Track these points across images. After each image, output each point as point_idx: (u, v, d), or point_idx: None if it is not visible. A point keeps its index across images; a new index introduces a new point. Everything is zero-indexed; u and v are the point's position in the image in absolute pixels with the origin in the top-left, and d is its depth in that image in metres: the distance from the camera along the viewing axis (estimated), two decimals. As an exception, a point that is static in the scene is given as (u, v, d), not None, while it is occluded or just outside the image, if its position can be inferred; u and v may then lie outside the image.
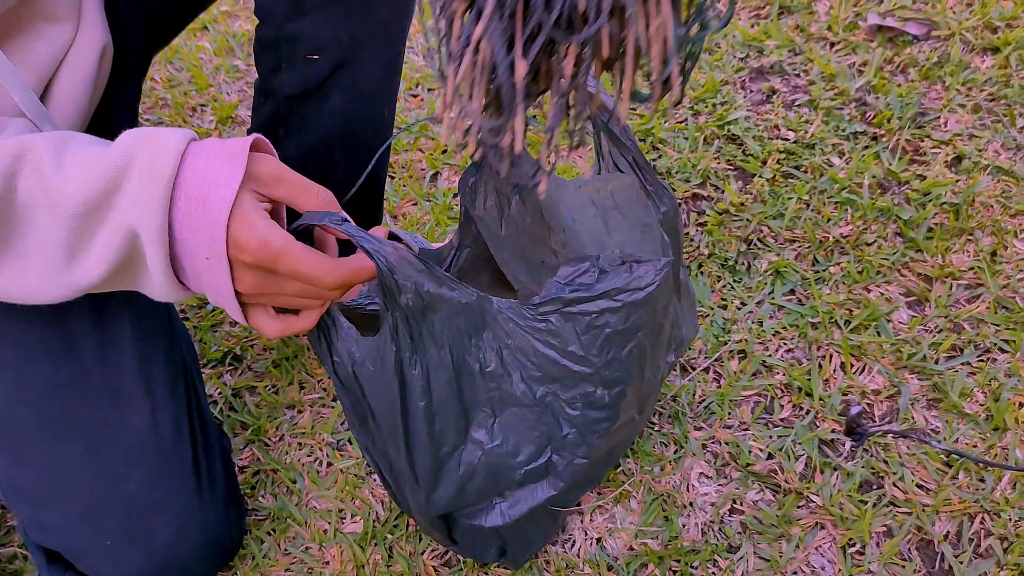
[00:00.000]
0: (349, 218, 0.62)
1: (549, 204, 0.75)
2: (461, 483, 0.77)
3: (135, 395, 0.82)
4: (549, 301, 0.68)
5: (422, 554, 0.92)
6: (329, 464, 1.01)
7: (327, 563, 0.92)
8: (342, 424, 1.04)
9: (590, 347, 0.70)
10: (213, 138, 0.60)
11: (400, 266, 0.63)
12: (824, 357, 1.06)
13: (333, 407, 1.05)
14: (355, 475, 0.99)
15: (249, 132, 0.94)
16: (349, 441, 1.02)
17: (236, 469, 1.00)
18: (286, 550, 0.94)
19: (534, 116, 0.65)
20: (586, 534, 0.93)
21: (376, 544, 0.93)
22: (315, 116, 0.89)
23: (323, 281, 0.62)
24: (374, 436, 0.78)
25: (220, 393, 1.08)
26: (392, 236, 1.16)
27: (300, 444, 1.03)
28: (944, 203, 1.20)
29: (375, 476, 0.99)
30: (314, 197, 0.63)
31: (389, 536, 0.93)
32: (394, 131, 1.34)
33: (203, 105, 1.50)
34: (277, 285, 0.63)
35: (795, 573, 0.89)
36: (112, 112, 0.82)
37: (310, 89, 0.87)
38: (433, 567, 0.91)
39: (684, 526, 0.93)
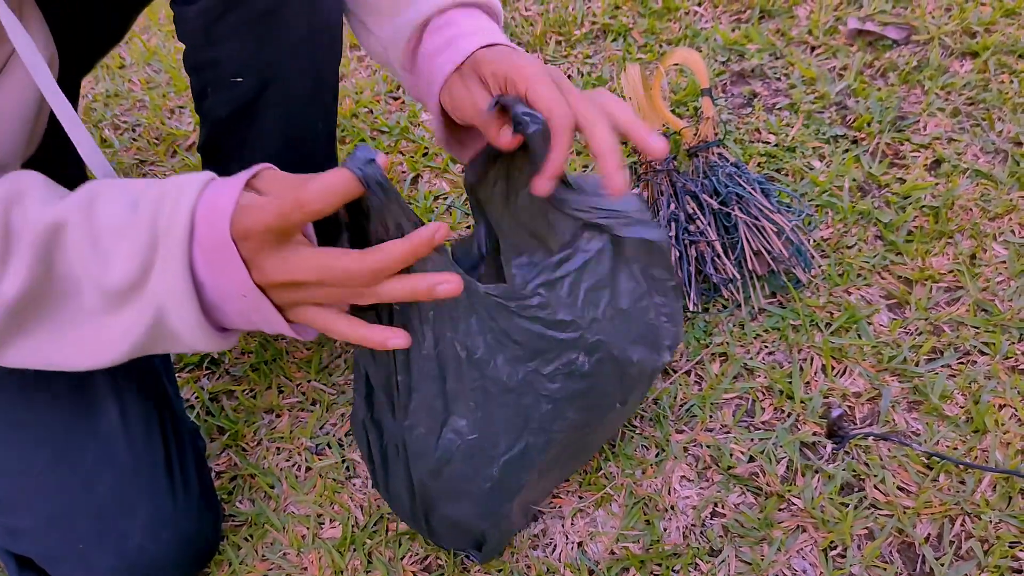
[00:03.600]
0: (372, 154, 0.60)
1: (556, 205, 0.75)
2: (438, 465, 0.76)
3: (103, 397, 0.82)
4: (540, 273, 0.72)
5: (401, 559, 0.91)
6: (308, 469, 0.99)
7: (305, 569, 0.91)
8: (321, 428, 1.03)
9: (573, 307, 0.72)
10: (225, 180, 0.61)
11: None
12: (805, 360, 1.06)
13: (312, 411, 1.04)
14: (334, 479, 0.98)
15: (198, 150, 0.94)
16: (328, 445, 1.01)
17: (213, 475, 0.99)
18: (263, 556, 0.92)
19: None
20: (567, 538, 0.92)
21: (355, 550, 0.92)
22: (251, 136, 0.89)
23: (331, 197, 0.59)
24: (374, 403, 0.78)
25: (197, 397, 1.07)
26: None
27: (278, 449, 1.01)
28: (924, 206, 1.21)
29: (355, 481, 0.98)
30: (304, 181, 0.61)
31: (368, 541, 0.92)
32: (371, 136, 1.33)
33: (181, 107, 1.48)
34: (315, 289, 0.61)
35: (777, 576, 0.89)
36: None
37: (240, 110, 0.87)
38: (412, 572, 0.90)
39: (666, 530, 0.92)
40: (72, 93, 1.01)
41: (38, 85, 0.65)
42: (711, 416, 1.01)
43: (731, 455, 0.97)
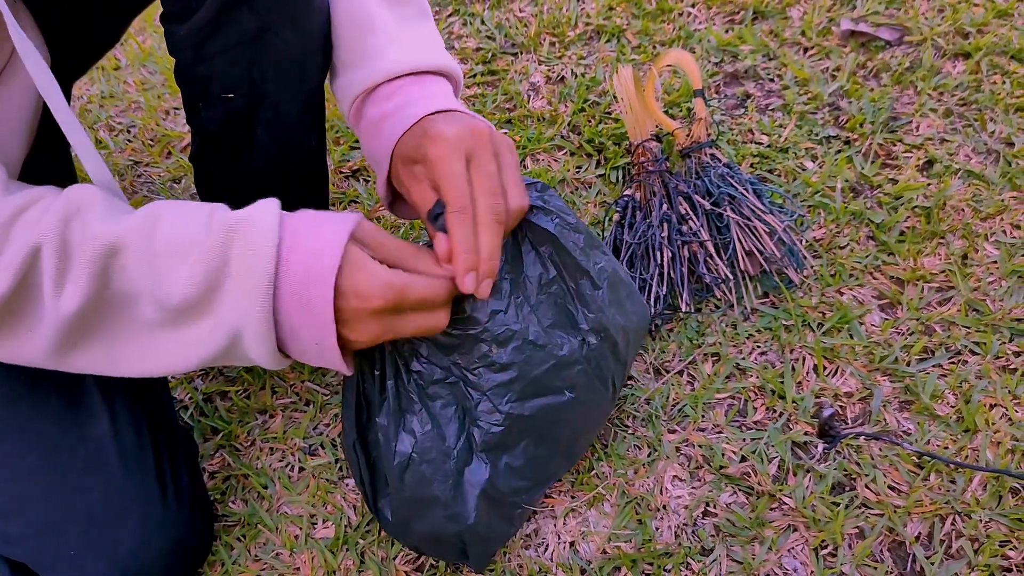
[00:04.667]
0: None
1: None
2: (399, 471, 0.79)
3: (94, 404, 0.82)
4: None
5: (394, 559, 0.91)
6: (301, 469, 1.00)
7: (298, 569, 0.91)
8: (314, 428, 1.03)
9: (473, 303, 0.76)
10: (307, 220, 0.65)
11: None
12: (797, 360, 1.06)
13: (305, 411, 1.04)
14: (327, 480, 0.98)
15: (190, 159, 0.95)
16: (321, 446, 1.01)
17: (206, 475, 0.99)
18: (256, 556, 0.93)
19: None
20: (559, 538, 0.92)
21: (347, 549, 0.92)
22: (243, 149, 0.90)
23: (444, 293, 0.68)
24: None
25: (191, 398, 1.07)
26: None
27: (272, 449, 1.02)
28: (916, 207, 1.21)
29: (347, 480, 0.98)
30: (413, 257, 0.68)
31: (361, 541, 0.93)
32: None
33: (176, 108, 1.49)
34: (402, 323, 0.67)
35: (768, 575, 0.89)
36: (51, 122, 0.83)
37: (232, 126, 0.88)
38: (405, 572, 0.90)
39: (657, 529, 0.92)
40: (64, 96, 1.02)
41: (39, 87, 0.65)
42: (703, 416, 1.02)
43: (723, 455, 0.98)
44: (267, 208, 0.64)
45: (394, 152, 0.75)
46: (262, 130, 0.88)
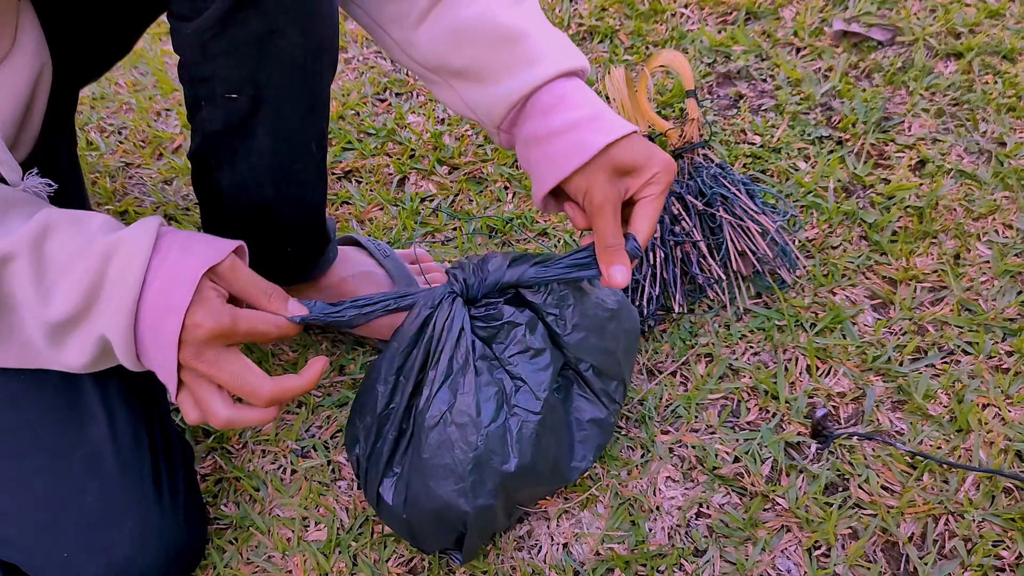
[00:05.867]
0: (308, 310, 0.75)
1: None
2: (427, 430, 0.81)
3: (92, 405, 0.82)
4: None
5: (387, 561, 0.91)
6: (293, 471, 0.99)
7: (290, 572, 0.91)
8: (306, 431, 1.03)
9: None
10: (178, 245, 0.69)
11: None
12: (790, 360, 1.06)
13: (297, 414, 1.04)
14: (319, 482, 0.98)
15: (188, 157, 0.95)
16: (313, 448, 1.01)
17: (198, 478, 0.99)
18: (248, 559, 0.92)
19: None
20: (552, 539, 0.92)
21: (340, 552, 0.92)
22: (242, 151, 0.90)
23: (275, 330, 0.72)
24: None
25: (182, 400, 1.06)
26: (354, 242, 1.15)
27: (264, 451, 1.01)
28: (908, 206, 1.21)
29: (340, 483, 0.98)
30: (263, 295, 0.72)
31: (353, 544, 0.92)
32: (358, 138, 1.33)
33: (168, 109, 1.48)
34: (225, 359, 0.69)
35: (761, 576, 0.89)
36: (52, 123, 0.82)
37: (234, 126, 0.87)
38: (397, 574, 0.90)
39: (651, 530, 0.92)
40: (69, 102, 1.01)
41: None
42: (696, 417, 1.01)
43: (716, 455, 0.98)
44: (145, 229, 0.68)
45: (578, 174, 0.78)
46: (263, 132, 0.88)
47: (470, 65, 0.81)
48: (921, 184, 1.24)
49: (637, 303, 1.06)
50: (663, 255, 1.09)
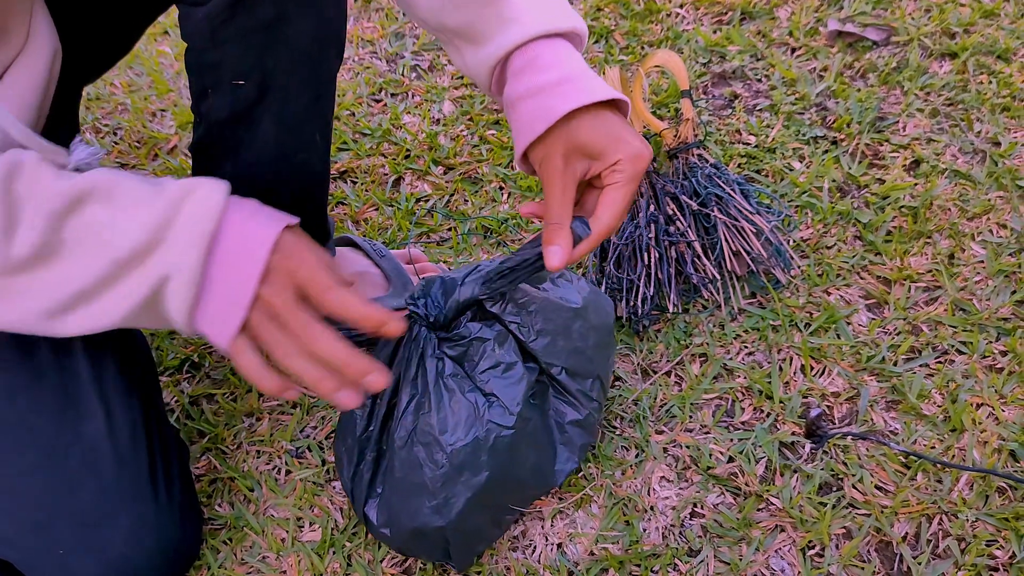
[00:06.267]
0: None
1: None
2: (397, 450, 0.82)
3: (90, 403, 0.81)
4: None
5: (381, 561, 0.91)
6: (288, 472, 0.99)
7: (284, 572, 0.91)
8: (301, 431, 1.03)
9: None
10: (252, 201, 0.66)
11: None
12: (784, 360, 1.06)
13: (292, 414, 1.04)
14: (313, 483, 0.98)
15: (190, 149, 0.95)
16: (308, 448, 1.01)
17: (192, 477, 0.99)
18: (242, 559, 0.92)
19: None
20: (547, 540, 0.92)
21: (334, 552, 0.92)
22: (247, 141, 0.90)
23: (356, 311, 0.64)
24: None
25: (177, 401, 1.06)
26: (350, 243, 1.16)
27: (258, 452, 1.01)
28: (902, 206, 1.21)
29: (334, 483, 0.98)
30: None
31: (347, 544, 0.92)
32: (353, 138, 1.33)
33: (163, 110, 1.48)
34: (281, 337, 0.64)
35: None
36: (56, 116, 0.81)
37: (239, 114, 0.88)
38: (392, 575, 0.90)
39: (645, 530, 0.92)
40: (73, 100, 1.01)
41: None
42: (691, 417, 1.01)
43: (710, 455, 0.98)
44: (215, 180, 0.64)
45: (539, 142, 0.73)
46: (268, 121, 0.89)
47: (463, 25, 0.78)
48: (915, 184, 1.24)
49: (632, 303, 1.07)
50: (658, 255, 1.09)
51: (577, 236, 0.71)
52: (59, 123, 0.72)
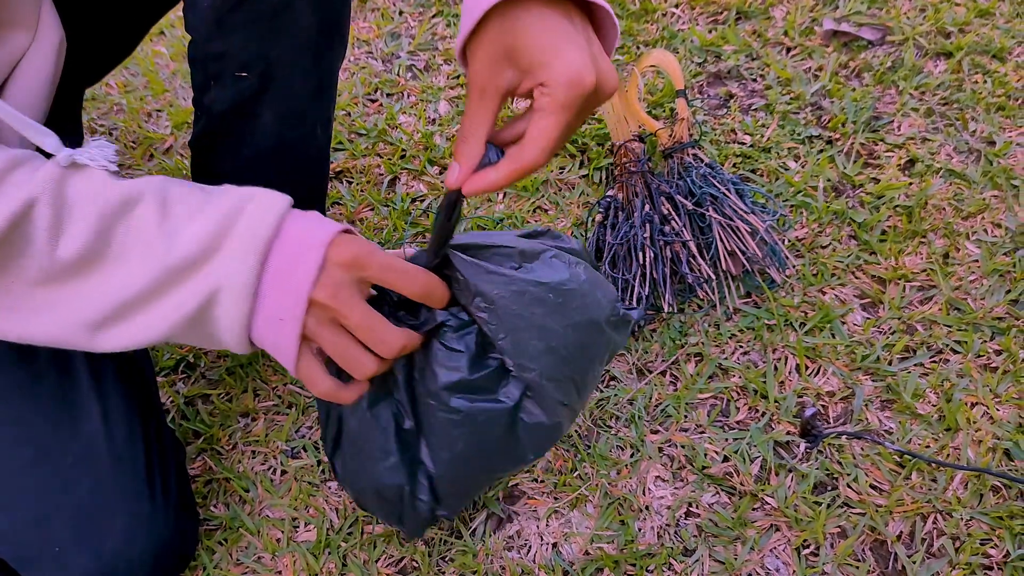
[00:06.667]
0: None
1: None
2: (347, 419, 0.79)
3: (87, 400, 0.82)
4: None
5: (376, 561, 0.91)
6: (283, 472, 0.99)
7: (279, 572, 0.91)
8: (296, 431, 1.03)
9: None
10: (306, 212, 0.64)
11: None
12: (779, 359, 1.06)
13: (287, 414, 1.04)
14: (309, 483, 0.98)
15: (189, 144, 0.95)
16: (304, 448, 1.01)
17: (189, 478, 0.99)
18: (238, 560, 0.92)
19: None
20: (542, 539, 0.92)
21: (330, 552, 0.92)
22: (248, 133, 0.90)
23: (415, 281, 0.64)
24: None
25: (172, 402, 1.06)
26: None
27: (254, 452, 1.01)
28: (897, 206, 1.21)
29: (330, 484, 0.98)
30: (405, 275, 0.65)
31: (343, 544, 0.92)
32: (349, 139, 1.33)
33: (159, 110, 1.48)
34: (340, 336, 0.63)
35: (750, 575, 0.89)
36: (59, 118, 0.82)
37: (241, 106, 0.88)
38: (387, 574, 0.90)
39: (640, 530, 0.92)
40: (75, 101, 1.00)
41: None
42: (686, 416, 1.02)
43: (705, 455, 0.98)
44: (271, 191, 0.64)
45: (474, 37, 0.60)
46: (270, 113, 0.89)
47: None
48: (910, 183, 1.24)
49: (627, 303, 1.07)
50: (653, 255, 1.09)
51: (488, 159, 0.61)
52: (62, 126, 0.72)
